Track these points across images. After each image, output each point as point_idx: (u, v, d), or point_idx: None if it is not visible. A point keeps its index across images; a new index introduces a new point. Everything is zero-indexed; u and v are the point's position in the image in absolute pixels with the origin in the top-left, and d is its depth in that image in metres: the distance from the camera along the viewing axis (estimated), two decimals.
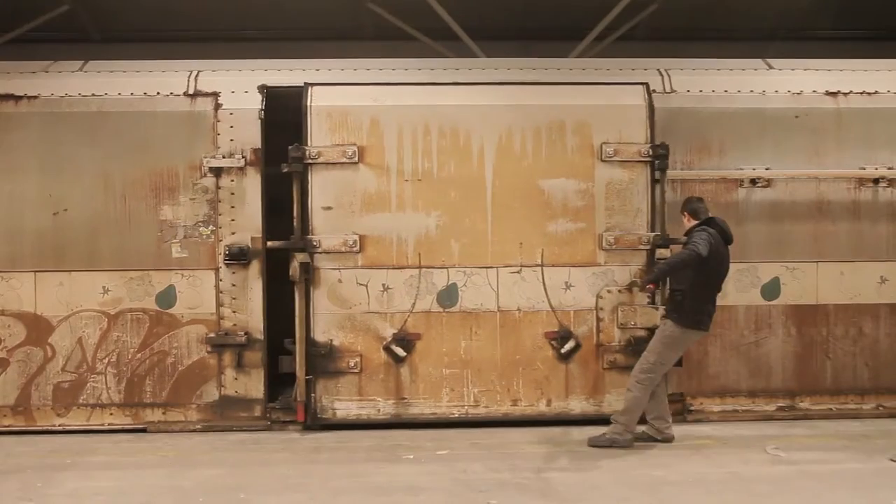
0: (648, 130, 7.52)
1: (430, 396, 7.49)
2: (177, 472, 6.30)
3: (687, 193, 7.48)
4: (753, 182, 7.73)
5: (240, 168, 7.48)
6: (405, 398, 7.49)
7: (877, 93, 7.91)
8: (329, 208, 7.43)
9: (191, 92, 7.57)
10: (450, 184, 7.50)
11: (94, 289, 7.42)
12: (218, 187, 7.49)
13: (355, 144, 7.43)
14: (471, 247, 7.50)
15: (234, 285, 7.49)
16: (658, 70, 7.95)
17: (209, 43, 9.95)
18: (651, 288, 6.95)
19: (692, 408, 7.70)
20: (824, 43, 10.43)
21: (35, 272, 7.41)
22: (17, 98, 7.49)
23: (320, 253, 7.41)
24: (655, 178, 7.52)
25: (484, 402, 7.51)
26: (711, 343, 7.63)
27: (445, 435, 7.19)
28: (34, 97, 7.50)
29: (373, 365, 7.48)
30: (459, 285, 7.50)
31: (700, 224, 6.83)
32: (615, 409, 7.15)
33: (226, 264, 7.46)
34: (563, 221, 7.53)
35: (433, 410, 7.49)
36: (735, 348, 7.72)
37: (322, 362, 7.43)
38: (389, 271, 7.47)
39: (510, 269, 7.51)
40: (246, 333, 7.48)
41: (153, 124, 7.48)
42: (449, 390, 7.50)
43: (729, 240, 6.87)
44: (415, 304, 7.47)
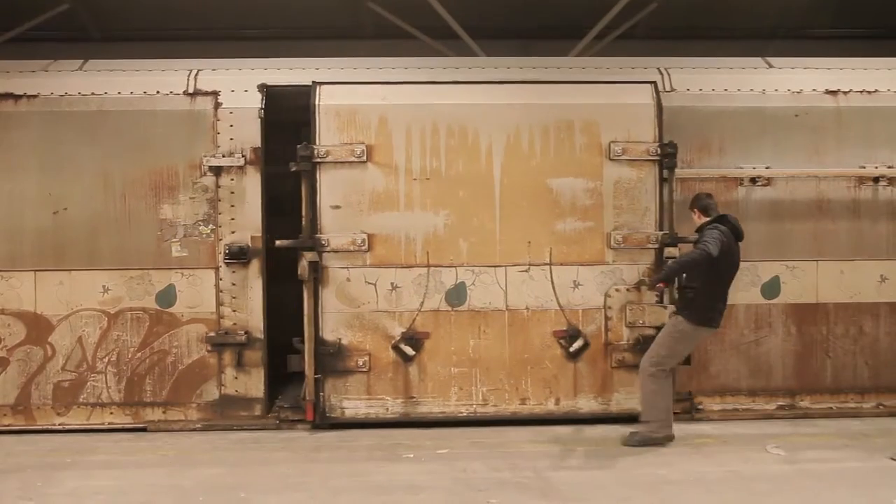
0: (657, 129, 7.51)
1: (438, 395, 7.48)
2: (177, 471, 6.31)
3: (687, 192, 7.48)
4: (753, 181, 7.73)
5: (240, 167, 7.48)
6: (414, 397, 7.48)
7: (877, 91, 7.90)
8: (337, 207, 7.42)
9: (191, 91, 7.56)
10: (458, 183, 7.49)
11: (94, 288, 7.42)
12: (218, 186, 7.48)
13: (364, 143, 7.42)
14: (479, 246, 7.49)
15: (234, 284, 7.49)
16: (658, 69, 7.94)
17: (209, 42, 9.94)
18: (661, 287, 6.95)
19: (700, 406, 7.70)
20: (824, 42, 10.42)
21: (35, 271, 7.41)
22: (16, 97, 7.48)
23: (329, 252, 7.40)
24: (663, 177, 7.52)
25: (492, 400, 7.50)
26: (712, 342, 7.62)
27: (446, 434, 7.19)
28: (34, 96, 7.49)
29: (381, 364, 7.47)
30: (468, 284, 7.49)
31: (712, 221, 6.83)
32: (623, 408, 7.18)
33: (226, 263, 7.46)
34: (572, 220, 7.51)
35: (442, 409, 7.48)
36: (735, 347, 7.72)
37: (331, 361, 7.41)
38: (398, 270, 7.47)
39: (519, 268, 7.50)
40: (246, 332, 7.47)
41: (153, 123, 7.47)
42: (457, 389, 7.49)
43: (740, 237, 6.87)
44: (423, 302, 7.46)
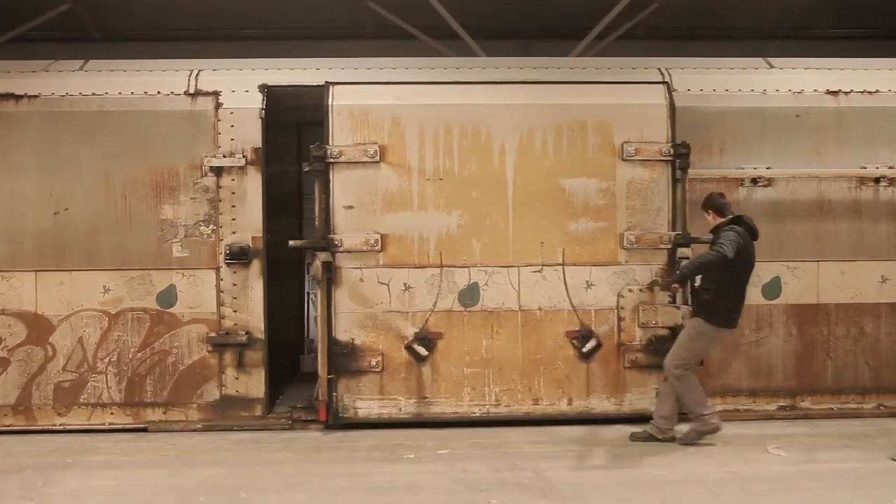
0: (669, 129, 7.51)
1: (451, 395, 7.48)
2: (177, 471, 6.30)
3: (689, 192, 7.47)
4: (754, 181, 7.73)
5: (240, 167, 7.48)
6: (426, 397, 7.48)
7: (878, 92, 7.91)
8: (351, 207, 7.41)
9: (191, 91, 7.56)
10: (471, 183, 7.48)
11: (95, 288, 7.42)
12: (219, 186, 7.48)
13: (377, 143, 7.42)
14: (492, 246, 7.49)
15: (234, 285, 7.48)
16: (658, 69, 7.94)
17: (209, 42, 9.94)
18: (675, 288, 6.96)
19: None
20: (825, 42, 10.42)
21: (36, 271, 7.41)
22: (17, 97, 7.48)
23: (342, 252, 7.40)
24: (676, 177, 7.51)
25: (505, 401, 7.50)
26: None
27: (446, 434, 7.19)
28: (35, 96, 7.50)
29: (394, 364, 7.47)
30: (481, 284, 7.49)
31: (728, 222, 6.82)
32: (636, 409, 7.27)
33: (226, 264, 7.46)
34: (585, 220, 7.51)
35: (455, 410, 7.48)
36: (736, 347, 7.71)
37: (344, 361, 7.41)
38: (411, 270, 7.46)
39: (531, 269, 7.50)
40: (247, 333, 7.47)
41: (154, 123, 7.48)
42: (470, 389, 7.49)
43: (755, 236, 6.86)
44: (436, 303, 7.46)
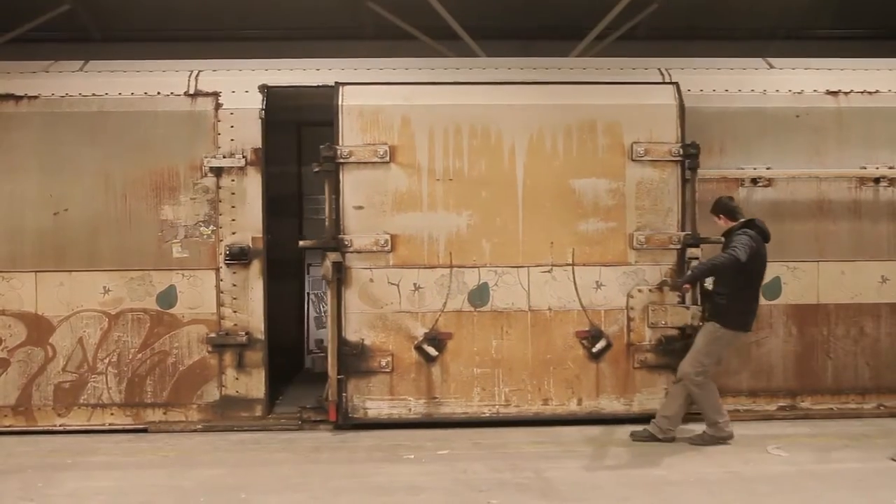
0: (679, 130, 7.50)
1: (461, 396, 7.48)
2: (177, 471, 6.30)
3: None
4: (754, 181, 7.73)
5: (240, 168, 7.48)
6: (436, 397, 7.47)
7: (877, 92, 7.91)
8: (360, 208, 7.41)
9: (191, 92, 7.56)
10: (481, 183, 7.48)
11: (95, 289, 7.42)
12: (219, 187, 7.48)
13: (386, 144, 7.41)
14: (502, 246, 7.48)
15: (234, 285, 7.48)
16: (659, 69, 7.94)
17: (209, 43, 9.93)
18: (686, 288, 6.98)
19: None
20: (825, 42, 10.42)
21: (36, 272, 7.41)
22: (17, 98, 7.49)
23: (352, 252, 7.39)
24: (686, 178, 7.51)
25: (515, 401, 7.49)
26: None
27: (446, 434, 7.18)
28: (35, 97, 7.50)
29: (404, 364, 7.46)
30: (490, 285, 7.48)
31: (741, 226, 6.81)
32: (646, 409, 7.30)
33: (226, 264, 7.46)
34: (594, 221, 7.51)
35: (465, 410, 7.47)
36: (736, 348, 7.69)
37: (353, 362, 7.41)
38: (421, 271, 7.46)
39: (541, 269, 7.49)
40: (247, 333, 7.47)
41: (154, 124, 7.48)
42: (480, 390, 7.48)
43: (767, 238, 6.87)
44: (446, 303, 7.45)
